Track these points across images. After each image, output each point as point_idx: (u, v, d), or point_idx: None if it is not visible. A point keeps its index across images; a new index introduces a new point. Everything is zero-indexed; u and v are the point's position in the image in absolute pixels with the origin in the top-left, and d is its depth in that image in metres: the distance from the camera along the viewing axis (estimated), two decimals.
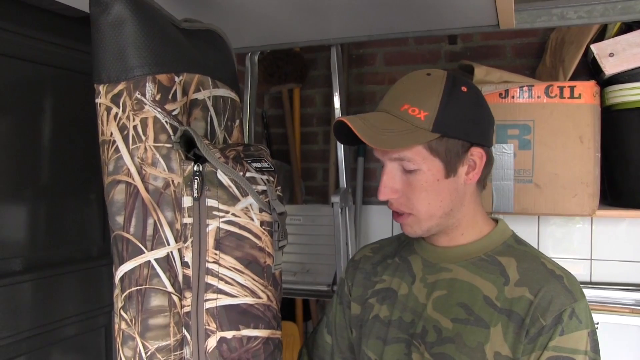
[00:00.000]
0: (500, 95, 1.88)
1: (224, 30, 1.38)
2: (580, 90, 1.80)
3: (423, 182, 1.08)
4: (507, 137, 1.87)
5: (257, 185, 1.13)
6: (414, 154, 1.06)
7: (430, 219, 1.10)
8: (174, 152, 1.07)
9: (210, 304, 1.09)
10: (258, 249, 1.13)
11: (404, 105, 1.07)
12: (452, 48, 2.54)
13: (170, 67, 1.09)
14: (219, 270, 1.09)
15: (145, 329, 1.07)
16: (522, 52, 2.45)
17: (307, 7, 1.58)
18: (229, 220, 1.09)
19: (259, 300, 1.13)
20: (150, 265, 1.06)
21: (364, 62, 2.71)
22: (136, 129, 1.05)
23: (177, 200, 1.08)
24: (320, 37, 1.93)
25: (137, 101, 1.05)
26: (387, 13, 1.63)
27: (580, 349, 1.00)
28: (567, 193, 1.82)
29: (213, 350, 1.09)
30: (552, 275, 1.06)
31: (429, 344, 1.08)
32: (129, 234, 1.06)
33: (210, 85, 1.21)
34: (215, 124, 1.22)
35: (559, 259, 2.24)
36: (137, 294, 1.07)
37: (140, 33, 1.04)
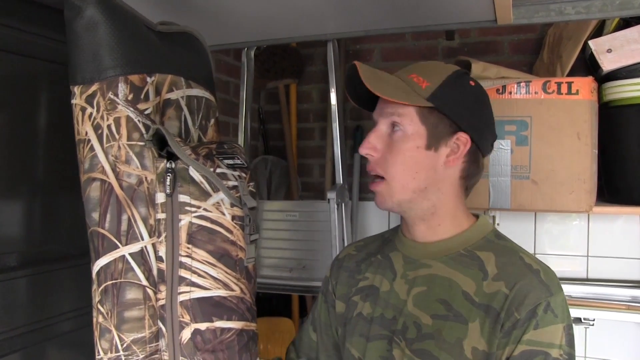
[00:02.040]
0: (498, 91, 1.87)
1: (221, 27, 1.40)
2: (578, 86, 1.80)
3: (403, 145, 1.11)
4: (504, 133, 1.87)
5: (227, 181, 1.16)
6: (405, 113, 1.10)
7: (402, 189, 1.11)
8: (146, 150, 1.11)
9: (184, 297, 1.12)
10: (230, 242, 1.16)
11: (413, 74, 1.13)
12: (450, 44, 2.53)
13: (142, 68, 1.13)
14: (191, 263, 1.12)
15: (121, 321, 1.10)
16: (519, 48, 2.44)
17: (304, 2, 1.57)
18: (201, 215, 1.13)
19: (232, 292, 1.17)
20: (124, 259, 1.10)
21: (361, 58, 2.70)
22: (110, 128, 1.09)
23: (150, 197, 1.12)
24: (317, 32, 1.92)
25: (110, 101, 1.09)
26: (383, 8, 1.63)
27: (555, 342, 1.00)
28: (564, 189, 1.81)
29: (187, 342, 1.12)
30: (529, 269, 1.06)
31: (410, 340, 1.09)
32: (104, 229, 1.10)
33: (183, 85, 1.25)
34: (189, 123, 1.27)
35: (556, 255, 2.25)
36: (112, 288, 1.10)
37: (112, 35, 1.08)
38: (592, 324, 2.04)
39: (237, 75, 2.50)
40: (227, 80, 2.49)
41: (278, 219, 2.19)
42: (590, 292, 2.08)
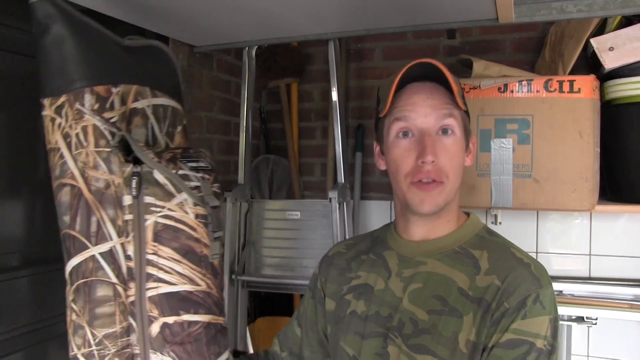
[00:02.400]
0: (499, 89, 1.87)
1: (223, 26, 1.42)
2: (580, 84, 1.79)
3: (456, 147, 1.13)
4: (506, 131, 1.86)
5: (190, 182, 1.24)
6: (457, 116, 1.13)
7: (451, 191, 1.13)
8: (113, 155, 1.19)
9: (151, 292, 1.19)
10: (194, 239, 1.23)
11: (448, 73, 1.11)
12: (451, 42, 2.52)
13: (107, 79, 1.21)
14: (158, 260, 1.20)
15: (92, 317, 1.18)
16: (521, 47, 2.44)
17: (305, 1, 1.57)
18: (166, 215, 1.21)
19: (198, 287, 1.24)
20: (95, 259, 1.18)
21: (362, 57, 2.70)
22: (78, 136, 1.17)
23: (118, 199, 1.20)
24: (318, 31, 1.92)
25: (78, 111, 1.16)
26: (385, 7, 1.63)
27: (541, 333, 1.01)
28: (566, 188, 1.81)
29: (157, 335, 1.19)
30: (520, 263, 1.09)
31: (406, 336, 1.10)
32: (75, 231, 1.18)
33: (149, 95, 1.33)
34: (156, 130, 1.35)
35: (558, 254, 2.25)
36: (84, 286, 1.18)
37: (78, 50, 1.16)
38: (595, 323, 2.04)
39: (238, 75, 2.49)
40: (228, 80, 2.49)
41: (279, 218, 2.19)
42: (593, 291, 2.08)
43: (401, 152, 1.13)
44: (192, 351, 1.22)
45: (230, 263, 2.13)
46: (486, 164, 1.89)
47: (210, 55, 2.33)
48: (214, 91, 2.38)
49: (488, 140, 1.89)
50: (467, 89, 1.90)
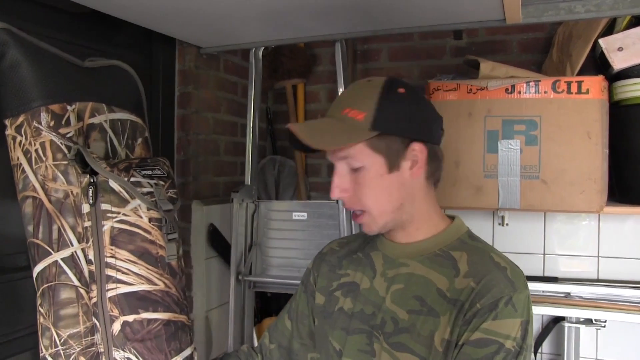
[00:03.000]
0: (507, 90, 1.86)
1: (229, 28, 1.43)
2: (588, 85, 1.79)
3: (368, 179, 1.15)
4: (513, 132, 1.86)
5: (142, 188, 1.33)
6: (356, 152, 1.14)
7: (383, 214, 1.17)
8: (70, 167, 1.27)
9: (111, 293, 1.27)
10: (149, 242, 1.32)
11: (345, 109, 1.15)
12: (458, 43, 2.52)
13: (61, 98, 1.29)
14: (116, 263, 1.28)
15: (57, 319, 1.25)
16: (528, 47, 2.43)
17: (312, 2, 1.56)
18: (121, 220, 1.29)
19: (156, 287, 1.32)
20: (57, 264, 1.26)
21: (369, 58, 2.70)
22: (37, 152, 1.25)
23: (77, 208, 1.28)
24: (325, 32, 1.92)
25: (36, 129, 1.25)
26: (391, 8, 1.62)
27: (511, 335, 1.04)
28: (574, 189, 1.80)
29: (118, 334, 1.27)
30: (497, 266, 1.12)
31: (387, 334, 1.15)
32: (38, 239, 1.26)
33: (105, 110, 1.41)
34: (115, 143, 1.43)
35: (566, 256, 2.24)
36: (48, 290, 1.26)
37: (33, 72, 1.24)
38: (604, 326, 2.03)
39: (244, 76, 2.50)
40: (235, 81, 2.49)
41: (286, 219, 2.19)
42: (602, 293, 2.07)
43: None
44: (152, 347, 1.30)
45: (236, 264, 2.13)
46: (493, 165, 1.89)
47: (217, 56, 2.33)
48: (220, 92, 2.38)
49: (495, 142, 1.88)
50: (474, 90, 1.89)
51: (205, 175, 2.29)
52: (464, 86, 1.92)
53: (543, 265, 2.27)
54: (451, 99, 1.94)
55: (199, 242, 2.20)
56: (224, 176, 2.43)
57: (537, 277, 2.22)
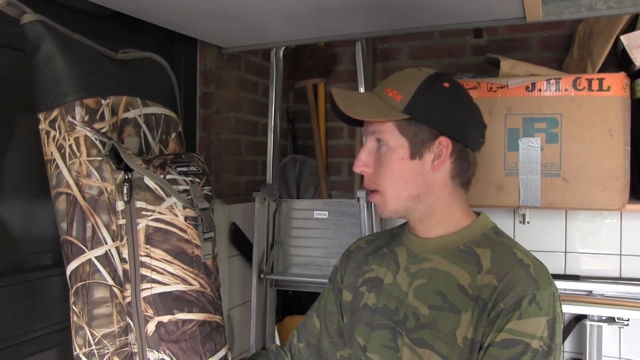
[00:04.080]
0: (527, 88, 1.86)
1: (250, 28, 1.46)
2: (610, 82, 1.78)
3: (389, 159, 1.17)
4: (534, 130, 1.85)
5: (178, 186, 1.30)
6: (385, 130, 1.17)
7: (395, 199, 1.18)
8: (105, 164, 1.25)
9: (146, 293, 1.25)
10: (185, 241, 1.29)
11: (387, 88, 1.18)
12: (478, 41, 2.51)
13: (96, 92, 1.26)
14: (151, 262, 1.26)
15: (91, 318, 1.24)
16: (549, 45, 2.42)
17: (332, 2, 1.58)
18: (156, 218, 1.27)
19: (191, 287, 1.30)
20: (91, 262, 1.24)
21: (389, 57, 2.70)
22: (71, 147, 1.23)
23: (111, 205, 1.26)
24: (345, 32, 1.93)
25: (70, 123, 1.23)
26: (412, 7, 1.63)
27: (537, 334, 1.03)
28: (596, 187, 1.79)
29: (153, 334, 1.25)
30: (520, 263, 1.11)
31: (409, 330, 1.16)
32: (71, 237, 1.24)
33: (139, 104, 1.38)
34: (149, 138, 1.40)
35: (587, 254, 2.22)
36: (82, 289, 1.25)
37: (67, 66, 1.22)
38: (627, 324, 2.01)
39: (265, 76, 2.51)
40: (256, 81, 2.51)
41: (307, 218, 2.20)
42: (624, 292, 2.05)
43: None
44: (187, 348, 1.28)
45: (258, 262, 2.15)
46: (514, 163, 1.88)
47: (238, 56, 2.36)
48: (242, 92, 2.41)
49: (516, 140, 1.88)
50: (494, 88, 1.89)
51: (227, 174, 2.31)
52: (484, 84, 1.92)
53: (564, 263, 2.26)
54: None
55: (221, 241, 2.21)
56: (246, 175, 2.45)
57: (558, 275, 2.20)
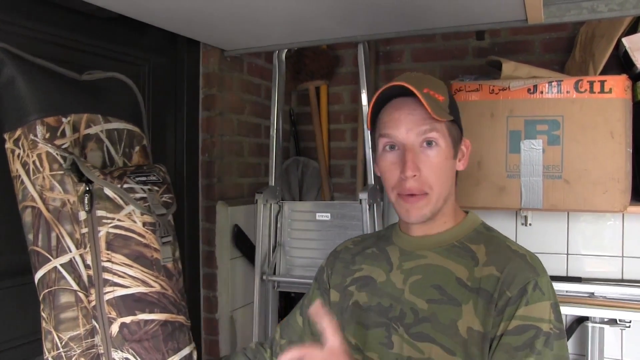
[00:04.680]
0: (529, 90, 1.86)
1: (253, 31, 1.43)
2: (611, 84, 1.78)
3: (440, 159, 1.17)
4: (535, 132, 1.86)
5: (135, 194, 1.38)
6: (439, 129, 1.16)
7: (438, 200, 1.18)
8: (67, 177, 1.32)
9: (109, 296, 1.33)
10: (143, 245, 1.37)
11: (425, 88, 1.16)
12: (480, 44, 2.52)
13: (56, 111, 1.34)
14: (112, 267, 1.33)
15: (58, 322, 1.31)
16: (550, 47, 2.42)
17: (334, 5, 1.58)
18: (116, 225, 1.34)
19: (152, 289, 1.37)
20: (56, 269, 1.31)
21: (391, 59, 2.70)
22: (35, 163, 1.31)
23: (74, 215, 1.33)
24: (348, 34, 1.94)
25: (32, 141, 1.30)
26: (414, 9, 1.63)
27: (545, 317, 1.06)
28: (598, 189, 1.80)
29: (117, 335, 1.33)
30: (516, 254, 1.15)
31: (407, 325, 1.16)
32: (38, 247, 1.32)
33: (101, 121, 1.46)
34: (112, 152, 1.48)
35: (590, 255, 2.22)
36: (49, 295, 1.31)
37: (27, 88, 1.30)
38: (629, 326, 2.02)
39: (268, 78, 2.52)
40: (258, 83, 2.52)
41: (310, 220, 2.21)
42: (626, 293, 2.05)
43: (387, 165, 1.19)
44: (150, 347, 1.35)
45: (261, 264, 2.15)
46: (516, 165, 1.89)
47: (241, 58, 2.36)
48: (244, 94, 2.41)
49: (518, 142, 1.89)
50: (496, 91, 1.90)
51: (230, 176, 2.32)
52: (486, 87, 1.93)
53: (566, 265, 2.26)
54: (473, 99, 1.95)
55: (224, 243, 2.22)
56: (248, 177, 2.46)
57: (560, 277, 2.21)
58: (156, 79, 2.03)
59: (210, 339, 2.27)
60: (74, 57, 1.67)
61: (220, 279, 2.23)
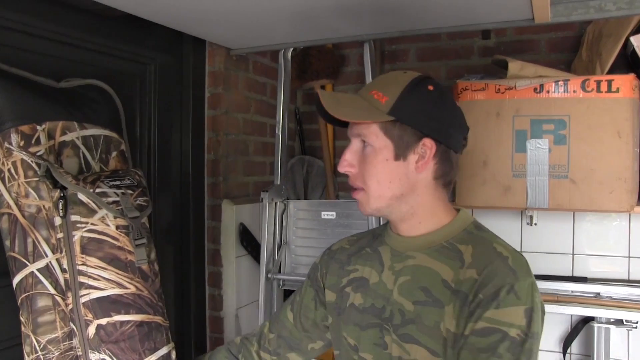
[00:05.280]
0: (535, 90, 1.86)
1: (258, 30, 1.44)
2: (619, 84, 1.78)
3: (374, 159, 1.19)
4: (542, 132, 1.85)
5: (108, 198, 1.40)
6: (370, 132, 1.18)
7: (379, 198, 1.20)
8: (41, 183, 1.35)
9: (85, 299, 1.34)
10: (117, 248, 1.39)
11: (373, 90, 1.20)
12: (486, 43, 2.51)
13: (30, 119, 1.37)
14: (87, 270, 1.35)
15: (36, 326, 1.33)
16: (557, 46, 2.41)
17: (340, 4, 1.58)
18: (90, 229, 1.36)
19: (127, 290, 1.39)
20: (33, 274, 1.34)
21: (397, 58, 2.70)
22: (10, 171, 1.33)
23: (50, 221, 1.35)
24: (353, 33, 1.94)
25: (7, 149, 1.33)
26: (419, 9, 1.63)
27: (515, 323, 1.05)
28: (604, 189, 1.79)
29: (94, 337, 1.34)
30: (499, 256, 1.14)
31: (395, 326, 1.18)
32: (15, 253, 1.34)
33: (77, 128, 1.48)
34: (89, 158, 1.51)
35: (595, 256, 2.22)
36: (26, 299, 1.34)
37: (2, 97, 1.33)
38: (635, 327, 2.01)
39: (273, 77, 2.52)
40: (264, 82, 2.52)
41: (315, 218, 2.21)
42: (632, 294, 2.05)
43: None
44: (126, 348, 1.37)
45: (266, 262, 2.16)
46: (522, 165, 1.89)
47: (246, 57, 2.37)
48: (250, 93, 2.42)
49: (524, 141, 1.88)
50: (502, 90, 1.90)
51: (235, 175, 2.32)
52: (492, 86, 1.92)
53: (572, 265, 2.26)
54: (479, 98, 1.94)
55: (229, 241, 2.23)
56: (254, 176, 2.46)
57: (566, 277, 2.20)
58: (162, 78, 2.03)
59: (215, 337, 2.27)
60: (79, 56, 1.67)
61: (225, 277, 2.23)
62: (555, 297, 2.04)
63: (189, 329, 2.20)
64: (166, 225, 2.08)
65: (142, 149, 1.97)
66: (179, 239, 2.16)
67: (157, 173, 2.03)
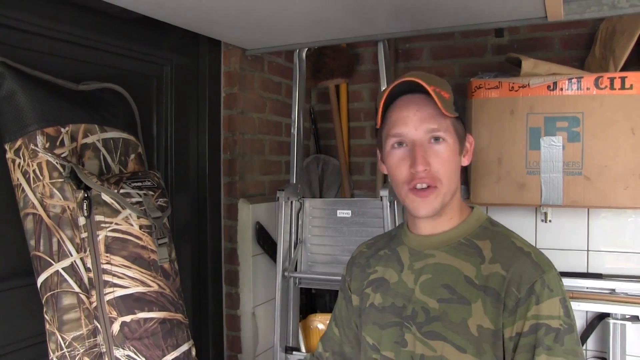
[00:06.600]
0: (549, 87, 1.86)
1: (274, 30, 1.46)
2: (632, 80, 1.78)
3: (448, 153, 1.19)
4: (555, 129, 1.86)
5: (131, 198, 1.45)
6: (446, 126, 1.19)
7: (447, 194, 1.20)
8: (66, 184, 1.39)
9: (109, 297, 1.39)
10: (141, 247, 1.44)
11: (432, 86, 1.16)
12: (499, 41, 2.51)
13: (55, 121, 1.41)
14: (111, 268, 1.40)
15: (61, 324, 1.37)
16: (570, 44, 2.41)
17: (355, 4, 1.60)
18: (114, 229, 1.41)
19: (150, 288, 1.44)
20: (59, 273, 1.38)
21: (411, 56, 2.71)
22: (35, 172, 1.37)
23: (74, 221, 1.40)
24: (368, 32, 1.95)
25: (32, 151, 1.37)
26: (433, 8, 1.64)
27: (555, 314, 1.09)
28: (618, 185, 1.80)
29: (118, 334, 1.39)
30: (521, 251, 1.16)
31: (419, 324, 1.19)
32: (40, 252, 1.38)
33: (98, 130, 1.52)
34: (109, 160, 1.55)
35: (610, 252, 2.21)
36: (51, 298, 1.38)
37: (27, 100, 1.37)
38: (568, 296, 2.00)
39: (288, 76, 2.54)
40: (279, 81, 2.54)
41: (330, 217, 2.22)
42: None
43: (396, 162, 1.21)
44: (150, 344, 1.42)
45: (282, 260, 2.17)
46: (536, 162, 1.89)
47: (262, 57, 2.39)
48: (265, 93, 2.44)
49: (538, 138, 1.89)
50: (516, 88, 1.90)
51: (251, 174, 2.35)
52: (505, 84, 1.93)
53: (587, 261, 2.25)
54: (493, 97, 1.95)
55: (246, 240, 2.25)
56: (269, 175, 2.49)
57: (581, 274, 2.20)
58: (178, 79, 2.06)
59: (232, 335, 2.30)
60: (97, 58, 1.71)
61: (242, 276, 2.26)
62: (570, 294, 2.04)
63: (207, 327, 2.23)
64: (183, 224, 2.10)
65: (159, 149, 2.00)
66: (196, 238, 2.19)
67: (174, 173, 2.06)
